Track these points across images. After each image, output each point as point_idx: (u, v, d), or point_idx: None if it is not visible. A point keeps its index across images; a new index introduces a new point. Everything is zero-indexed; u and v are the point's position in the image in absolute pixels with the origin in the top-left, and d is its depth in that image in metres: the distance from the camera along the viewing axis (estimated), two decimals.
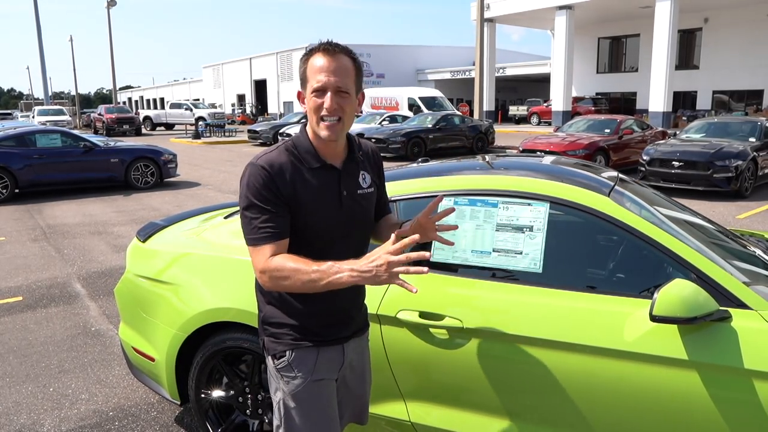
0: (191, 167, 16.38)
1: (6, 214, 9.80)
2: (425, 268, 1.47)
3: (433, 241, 1.86)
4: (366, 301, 2.27)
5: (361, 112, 27.27)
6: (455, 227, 1.84)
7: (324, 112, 1.65)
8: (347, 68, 1.67)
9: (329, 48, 1.66)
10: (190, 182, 13.39)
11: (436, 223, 1.83)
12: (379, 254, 1.52)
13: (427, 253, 1.66)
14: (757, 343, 1.94)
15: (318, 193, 1.72)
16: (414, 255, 1.49)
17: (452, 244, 1.83)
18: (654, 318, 1.95)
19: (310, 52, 1.69)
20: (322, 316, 1.80)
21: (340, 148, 1.79)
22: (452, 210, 1.79)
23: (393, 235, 1.56)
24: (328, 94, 1.64)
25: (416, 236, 1.52)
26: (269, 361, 1.83)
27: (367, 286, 2.24)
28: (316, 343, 1.80)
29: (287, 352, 1.78)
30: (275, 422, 1.86)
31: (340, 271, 1.55)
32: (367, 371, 2.03)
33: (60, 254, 7.09)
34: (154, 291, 2.93)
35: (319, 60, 1.65)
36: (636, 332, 2.07)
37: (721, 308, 2.01)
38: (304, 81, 1.70)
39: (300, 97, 1.75)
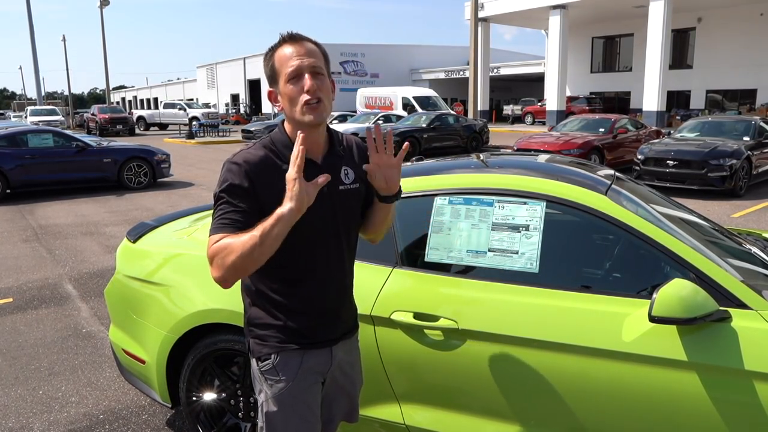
0: (185, 167, 16.29)
1: None
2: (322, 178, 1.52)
3: (430, 236, 1.82)
4: (358, 302, 2.24)
5: (356, 112, 27.22)
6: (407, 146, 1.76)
7: (305, 95, 1.61)
8: (316, 51, 1.66)
9: (293, 37, 1.66)
10: (183, 182, 13.32)
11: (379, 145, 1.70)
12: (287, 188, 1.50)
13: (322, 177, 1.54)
14: (758, 344, 1.91)
15: None
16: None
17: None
18: (653, 319, 1.92)
19: (274, 47, 1.68)
20: (310, 316, 1.75)
21: (321, 141, 1.73)
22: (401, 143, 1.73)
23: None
24: (306, 75, 1.62)
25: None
26: (253, 363, 1.79)
27: (354, 287, 2.17)
28: (303, 346, 1.75)
29: (272, 355, 1.74)
30: (259, 423, 1.83)
31: (268, 222, 1.49)
32: (358, 370, 1.98)
33: (51, 255, 7.02)
34: (145, 292, 2.88)
35: (287, 49, 1.65)
36: (634, 333, 2.04)
37: (720, 308, 1.97)
38: (274, 76, 1.67)
39: (271, 96, 1.71)
